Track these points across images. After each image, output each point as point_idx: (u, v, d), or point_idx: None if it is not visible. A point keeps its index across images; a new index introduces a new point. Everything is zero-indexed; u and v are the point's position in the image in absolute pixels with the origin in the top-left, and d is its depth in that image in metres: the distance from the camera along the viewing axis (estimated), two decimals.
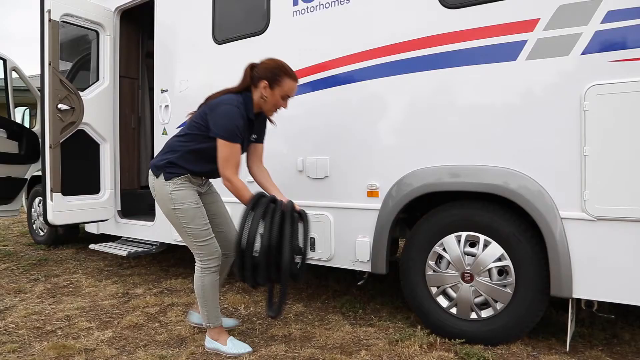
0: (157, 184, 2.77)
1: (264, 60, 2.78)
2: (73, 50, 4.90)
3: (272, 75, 2.70)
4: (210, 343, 2.84)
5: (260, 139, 2.96)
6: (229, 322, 3.15)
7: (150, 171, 2.83)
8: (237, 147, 2.66)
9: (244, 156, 2.89)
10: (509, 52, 2.62)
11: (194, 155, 2.73)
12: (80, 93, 4.31)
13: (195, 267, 2.82)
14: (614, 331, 3.02)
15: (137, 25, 5.13)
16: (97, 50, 4.60)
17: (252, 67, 2.76)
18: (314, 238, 3.32)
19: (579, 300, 2.62)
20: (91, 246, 4.92)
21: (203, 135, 2.70)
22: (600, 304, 2.60)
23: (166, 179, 2.72)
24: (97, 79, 4.59)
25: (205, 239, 2.77)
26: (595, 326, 3.10)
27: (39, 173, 5.87)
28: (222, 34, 3.86)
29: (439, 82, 2.85)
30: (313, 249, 3.33)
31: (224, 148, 2.61)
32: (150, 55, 4.73)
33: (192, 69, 4.11)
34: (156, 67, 4.41)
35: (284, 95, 2.76)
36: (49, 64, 4.02)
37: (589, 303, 2.59)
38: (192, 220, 2.74)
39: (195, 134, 2.73)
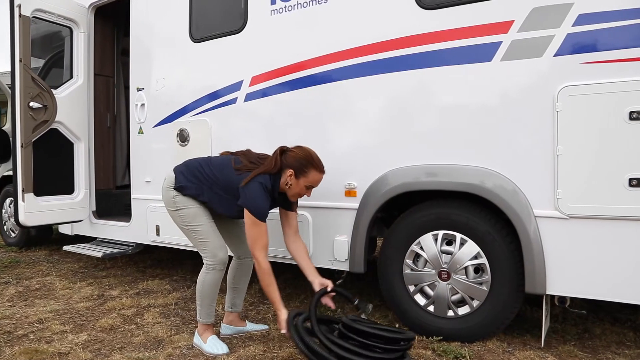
0: (165, 185, 2.89)
1: (294, 148, 2.82)
2: (45, 46, 4.79)
3: (299, 166, 2.75)
4: (196, 338, 2.91)
5: (289, 207, 2.96)
6: (258, 327, 3.17)
7: (174, 172, 2.89)
8: (265, 228, 2.71)
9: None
10: (485, 53, 2.66)
11: (212, 197, 2.82)
12: (53, 91, 4.21)
13: (203, 266, 2.87)
14: (585, 326, 3.10)
15: (112, 22, 5.04)
16: (70, 48, 4.51)
17: (281, 152, 2.80)
18: None
19: (552, 297, 2.68)
20: (65, 247, 4.82)
21: (229, 189, 2.77)
22: (573, 300, 2.66)
23: (176, 189, 2.82)
24: (71, 77, 4.50)
25: (208, 236, 2.82)
26: (568, 322, 3.18)
27: (10, 173, 5.73)
28: (200, 32, 3.83)
29: (416, 83, 2.87)
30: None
31: (252, 227, 2.68)
32: (125, 52, 4.65)
33: (169, 68, 4.06)
34: (132, 65, 4.34)
35: (308, 185, 2.81)
36: (20, 61, 3.92)
37: (562, 299, 2.65)
38: (194, 218, 2.81)
39: (221, 182, 2.79)
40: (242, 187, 2.69)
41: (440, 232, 2.86)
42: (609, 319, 3.23)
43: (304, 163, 2.75)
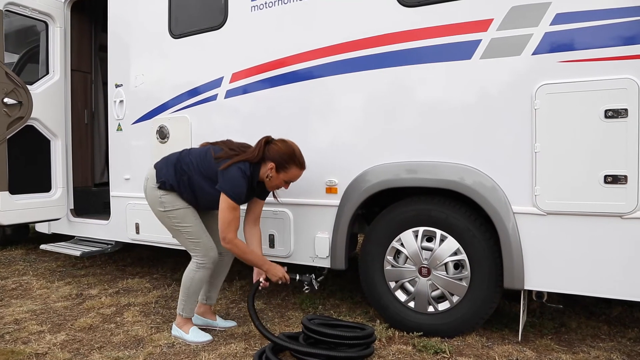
0: (148, 185, 2.89)
1: (278, 142, 2.82)
2: (20, 41, 4.69)
3: (281, 160, 2.77)
4: (175, 331, 2.94)
5: (261, 196, 3.01)
6: (226, 323, 3.17)
7: (153, 169, 2.91)
8: (239, 213, 2.73)
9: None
10: (464, 51, 2.68)
11: (193, 188, 2.83)
12: (29, 87, 4.12)
13: (191, 262, 2.88)
14: (562, 320, 3.16)
15: (89, 17, 4.95)
16: (46, 43, 4.41)
17: (266, 143, 2.80)
18: (273, 235, 3.31)
19: (530, 292, 2.72)
20: (42, 246, 4.73)
21: (209, 176, 2.79)
22: (550, 294, 2.71)
23: (160, 187, 2.83)
24: (47, 73, 4.41)
25: (199, 236, 2.85)
26: (545, 316, 3.23)
27: None
28: (179, 27, 3.78)
29: (396, 80, 2.89)
30: (272, 245, 3.33)
31: (227, 211, 2.68)
32: (103, 48, 4.58)
33: (148, 64, 4.00)
34: (110, 61, 4.27)
35: (287, 180, 2.86)
36: None
37: (539, 294, 2.69)
38: (184, 219, 2.83)
39: (202, 167, 2.80)
40: (221, 171, 2.70)
41: (421, 229, 2.88)
42: (585, 313, 3.29)
43: (286, 158, 2.77)
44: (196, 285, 2.88)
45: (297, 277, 2.98)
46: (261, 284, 2.93)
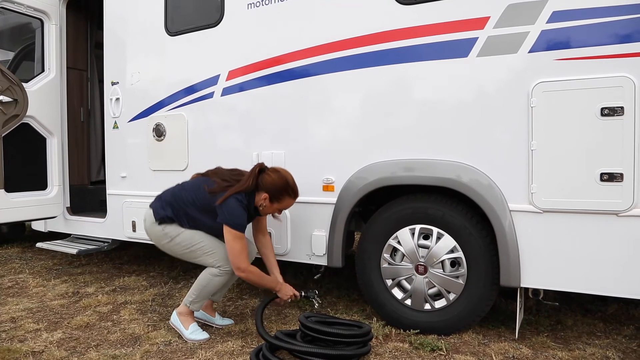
0: (148, 224, 2.90)
1: (271, 172, 2.84)
2: (15, 38, 4.66)
3: (274, 192, 2.82)
4: (175, 321, 2.95)
5: (261, 215, 3.07)
6: (224, 321, 3.17)
7: (149, 209, 2.94)
8: (245, 239, 2.77)
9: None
10: (461, 49, 2.68)
11: (194, 221, 2.87)
12: (24, 84, 4.10)
13: (212, 269, 2.88)
14: (558, 318, 3.17)
15: (85, 14, 4.93)
16: (41, 40, 4.39)
17: (260, 171, 2.83)
18: (270, 232, 3.31)
19: (526, 289, 2.73)
20: (38, 244, 4.71)
21: (206, 210, 2.82)
22: (546, 292, 2.72)
23: (159, 223, 2.86)
24: (43, 70, 4.39)
25: (214, 247, 2.86)
26: (541, 314, 3.24)
27: None
28: (175, 25, 3.77)
29: (393, 78, 2.88)
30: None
31: (234, 242, 2.72)
32: (99, 46, 4.56)
33: (144, 61, 3.99)
34: (106, 59, 4.26)
35: (280, 209, 2.94)
36: None
37: (536, 292, 2.70)
38: (192, 238, 2.85)
39: (199, 202, 2.84)
40: (219, 205, 2.73)
41: (417, 227, 2.88)
42: (581, 311, 3.31)
43: (280, 190, 2.83)
44: (213, 287, 2.89)
45: (303, 294, 3.05)
46: (277, 299, 3.00)
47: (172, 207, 2.86)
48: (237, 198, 2.74)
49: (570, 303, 3.43)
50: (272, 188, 2.81)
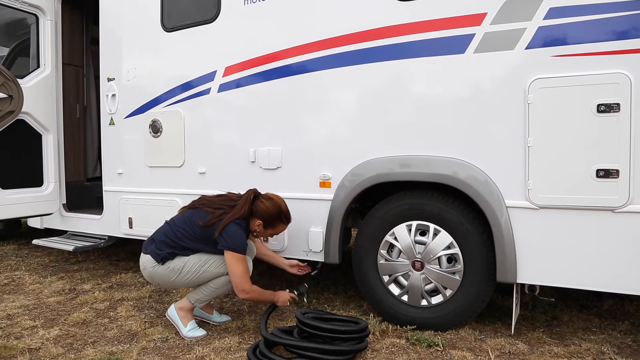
0: (148, 269, 2.87)
1: (265, 199, 2.91)
2: (10, 34, 4.63)
3: (269, 219, 2.91)
4: (173, 315, 2.94)
5: None
6: (221, 318, 3.17)
7: (145, 255, 2.91)
8: (246, 262, 2.81)
9: None
10: (458, 45, 2.68)
11: (194, 250, 2.87)
12: (19, 80, 4.08)
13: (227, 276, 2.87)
14: (554, 313, 3.18)
15: (81, 9, 4.89)
16: (36, 36, 4.37)
17: (254, 198, 2.88)
18: None
19: (522, 285, 2.74)
20: (35, 241, 4.70)
21: (205, 240, 2.84)
22: (542, 288, 2.73)
23: (162, 263, 2.83)
24: (38, 66, 4.37)
25: (221, 262, 2.84)
26: (537, 309, 3.26)
27: None
28: (171, 21, 3.75)
29: (390, 74, 2.88)
30: (266, 240, 3.33)
31: (237, 265, 2.75)
32: (95, 42, 4.53)
33: (140, 57, 3.97)
34: (102, 55, 4.24)
35: (273, 234, 3.04)
36: None
37: (532, 288, 2.71)
38: (199, 261, 2.85)
39: (195, 236, 2.84)
40: (220, 234, 2.76)
41: (414, 223, 2.89)
42: (576, 306, 3.32)
43: (274, 218, 2.91)
44: (225, 291, 2.92)
45: (296, 293, 3.11)
46: (278, 306, 3.02)
47: (168, 245, 2.84)
48: (237, 223, 2.80)
49: (566, 299, 3.44)
50: (266, 216, 2.88)
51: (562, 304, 3.35)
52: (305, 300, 3.19)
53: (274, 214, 2.89)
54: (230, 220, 2.78)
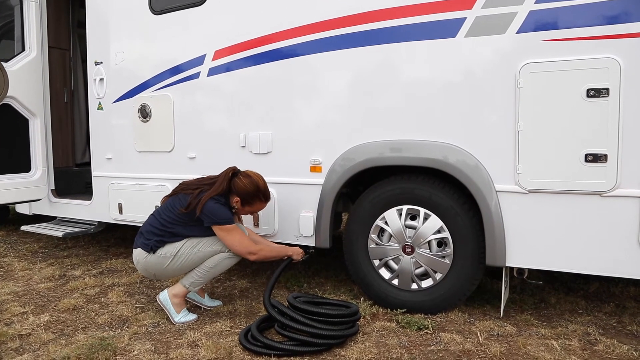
0: (141, 260, 2.86)
1: (243, 176, 2.89)
2: None
3: (247, 196, 2.90)
4: (165, 300, 2.91)
5: None
6: (212, 302, 3.17)
7: (136, 249, 2.90)
8: (237, 228, 2.84)
9: None
10: (449, 29, 2.67)
11: (184, 234, 2.86)
12: (4, 64, 4.01)
13: (222, 254, 2.87)
14: (542, 296, 3.23)
15: None
16: (21, 18, 4.28)
17: (232, 175, 2.88)
18: (257, 213, 3.31)
19: (511, 269, 2.77)
20: (23, 227, 4.67)
21: (187, 222, 2.84)
22: (531, 271, 2.76)
23: (153, 252, 2.82)
24: (23, 49, 4.28)
25: (214, 240, 2.86)
26: (526, 292, 3.30)
27: None
28: (160, 3, 3.69)
29: (380, 58, 2.87)
30: (257, 224, 3.33)
31: (230, 235, 2.79)
32: (82, 25, 4.45)
33: (128, 41, 3.91)
34: (89, 38, 4.17)
35: (252, 212, 3.06)
36: None
37: (521, 271, 2.74)
38: (192, 242, 2.85)
39: (180, 220, 2.83)
40: (200, 213, 2.76)
41: (405, 207, 2.90)
42: (563, 289, 3.37)
43: (252, 195, 2.90)
44: (221, 269, 2.91)
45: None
46: (294, 260, 2.98)
47: (155, 234, 2.84)
48: (215, 198, 2.79)
49: (553, 282, 3.49)
50: (244, 193, 2.88)
51: (549, 287, 3.40)
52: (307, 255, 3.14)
53: (251, 192, 2.89)
54: (208, 198, 2.78)
